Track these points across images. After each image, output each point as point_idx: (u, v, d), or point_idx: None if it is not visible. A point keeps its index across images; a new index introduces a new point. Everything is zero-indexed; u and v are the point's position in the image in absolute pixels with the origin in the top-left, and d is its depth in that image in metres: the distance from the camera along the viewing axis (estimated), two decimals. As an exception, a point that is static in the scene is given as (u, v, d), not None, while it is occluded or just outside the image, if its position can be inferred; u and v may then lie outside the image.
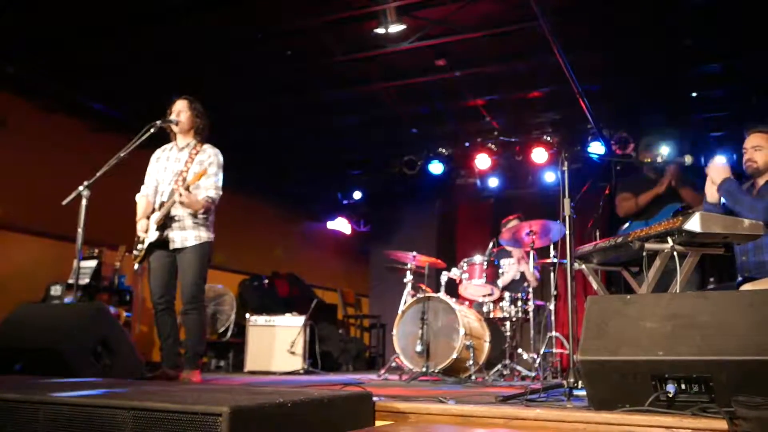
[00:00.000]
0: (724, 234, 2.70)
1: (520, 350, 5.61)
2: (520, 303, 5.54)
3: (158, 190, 4.31)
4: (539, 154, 7.58)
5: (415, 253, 5.63)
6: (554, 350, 5.22)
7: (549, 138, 7.62)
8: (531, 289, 5.65)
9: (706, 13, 5.14)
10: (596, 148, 7.24)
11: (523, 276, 5.98)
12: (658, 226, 2.83)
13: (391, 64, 6.20)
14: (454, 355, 4.96)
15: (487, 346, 5.29)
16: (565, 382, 2.64)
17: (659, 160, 4.51)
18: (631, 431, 1.99)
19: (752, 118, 5.90)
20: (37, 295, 5.82)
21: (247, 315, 6.64)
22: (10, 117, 6.01)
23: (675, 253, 2.75)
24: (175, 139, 4.38)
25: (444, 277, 5.63)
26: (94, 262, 6.11)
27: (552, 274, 5.37)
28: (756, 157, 3.50)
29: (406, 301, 5.46)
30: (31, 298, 5.51)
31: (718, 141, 7.20)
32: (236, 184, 5.29)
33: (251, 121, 7.41)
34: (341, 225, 10.38)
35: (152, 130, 4.14)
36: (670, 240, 2.75)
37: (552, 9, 4.99)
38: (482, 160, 8.02)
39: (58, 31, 5.44)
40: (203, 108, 4.40)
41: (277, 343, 6.37)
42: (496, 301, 5.61)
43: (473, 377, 4.99)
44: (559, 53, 5.46)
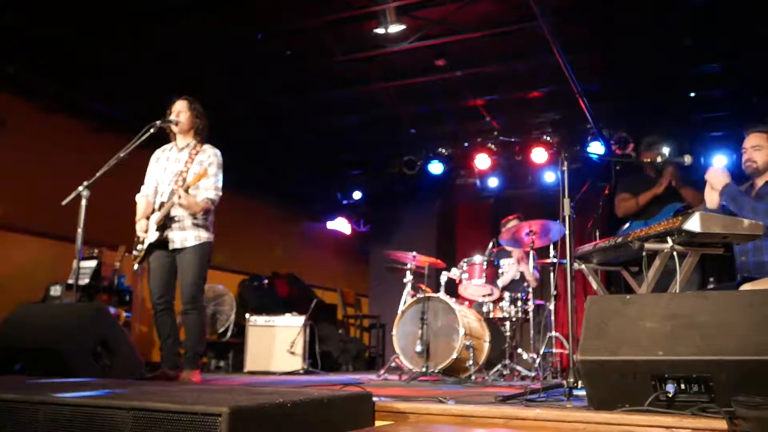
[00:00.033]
0: (724, 234, 2.70)
1: (520, 350, 5.60)
2: (519, 303, 5.54)
3: (158, 191, 4.31)
4: (539, 154, 7.59)
5: (414, 253, 5.63)
6: (554, 350, 5.22)
7: (549, 138, 7.62)
8: (531, 289, 5.65)
9: (706, 13, 5.14)
10: (596, 148, 7.24)
11: (522, 276, 5.98)
12: (658, 226, 2.83)
13: (391, 64, 6.20)
14: (454, 355, 4.96)
15: (486, 346, 5.29)
16: (564, 382, 2.64)
17: (659, 159, 4.51)
18: (631, 431, 1.99)
19: (752, 118, 5.89)
20: (37, 295, 5.82)
21: (247, 315, 6.63)
22: (10, 117, 6.01)
23: (675, 253, 2.75)
24: (175, 140, 4.38)
25: (444, 277, 5.63)
26: (93, 263, 6.11)
27: (552, 274, 5.37)
28: (755, 157, 3.51)
29: (405, 301, 5.46)
30: (31, 299, 5.51)
31: (718, 141, 7.20)
32: (236, 184, 5.28)
33: (251, 121, 7.41)
34: (341, 225, 10.38)
35: (152, 131, 4.14)
36: (669, 240, 2.75)
37: (551, 9, 4.99)
38: (482, 160, 8.03)
39: (58, 31, 5.44)
40: (203, 108, 4.40)
41: (277, 344, 6.37)
42: (496, 301, 5.61)
43: (473, 377, 4.99)
44: (559, 53, 5.46)
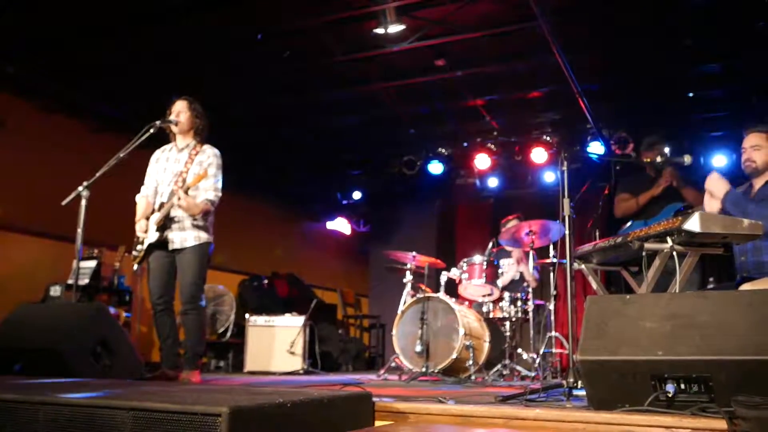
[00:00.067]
0: (724, 234, 2.70)
1: (520, 350, 5.60)
2: (519, 303, 5.54)
3: (158, 191, 4.31)
4: (539, 154, 7.59)
5: (414, 253, 5.63)
6: (554, 350, 5.22)
7: (548, 138, 7.62)
8: (530, 289, 5.65)
9: (706, 13, 5.14)
10: (596, 148, 7.24)
11: (522, 276, 5.99)
12: (658, 225, 2.83)
13: (391, 64, 6.20)
14: (454, 355, 4.96)
15: (486, 346, 5.29)
16: (564, 382, 2.64)
17: (659, 159, 4.51)
18: (631, 431, 1.99)
19: (752, 118, 5.90)
20: (37, 295, 5.82)
21: (247, 315, 6.63)
22: (10, 117, 6.01)
23: (674, 253, 2.75)
24: (175, 140, 4.38)
25: (443, 277, 5.62)
26: (93, 263, 6.11)
27: (551, 274, 5.37)
28: (755, 157, 3.51)
29: (405, 301, 5.45)
30: (31, 299, 5.51)
31: (718, 141, 7.20)
32: (236, 184, 5.29)
33: (251, 121, 7.41)
34: (341, 225, 10.38)
35: (152, 131, 4.15)
36: (669, 240, 2.75)
37: (551, 9, 4.99)
38: (482, 160, 8.02)
39: (58, 31, 5.44)
40: (203, 108, 4.39)
41: (277, 344, 6.37)
42: (496, 301, 5.61)
43: (473, 377, 4.99)
44: (559, 53, 5.46)
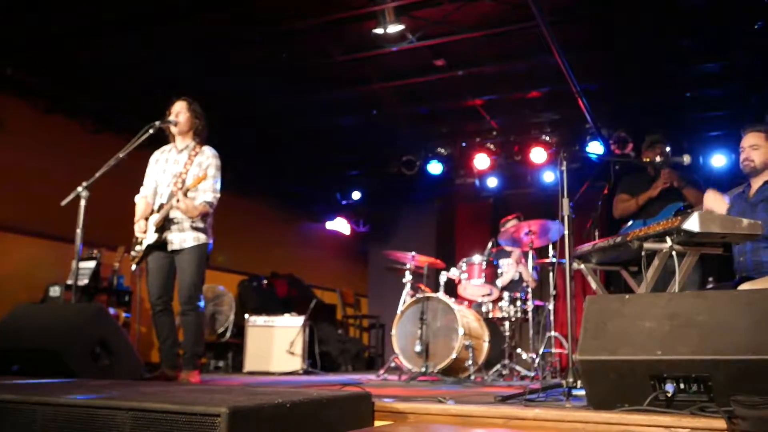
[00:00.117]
0: (723, 234, 2.70)
1: (519, 350, 5.60)
2: (519, 303, 5.54)
3: (157, 192, 4.30)
4: (538, 154, 7.59)
5: (414, 253, 5.63)
6: (553, 350, 5.22)
7: (548, 138, 7.63)
8: (530, 289, 5.65)
9: (705, 13, 5.14)
10: (595, 148, 7.24)
11: (521, 276, 5.98)
12: (657, 225, 2.82)
13: (390, 64, 6.20)
14: (453, 355, 4.96)
15: (486, 346, 5.29)
16: (564, 382, 2.64)
17: (658, 159, 4.51)
18: (630, 431, 1.99)
19: (751, 118, 5.91)
20: (36, 295, 5.82)
21: (246, 315, 6.63)
22: (9, 118, 6.01)
23: (674, 253, 2.75)
24: (174, 141, 4.37)
25: (443, 277, 5.62)
26: (93, 263, 6.11)
27: (551, 274, 5.37)
28: (753, 156, 3.51)
29: (405, 302, 5.45)
30: (30, 299, 5.51)
31: (716, 140, 7.21)
32: (235, 184, 5.30)
33: (251, 121, 7.41)
34: (340, 225, 10.38)
35: (151, 131, 4.14)
36: (668, 239, 2.75)
37: (550, 9, 4.99)
38: (481, 160, 8.02)
39: (58, 31, 5.43)
40: (202, 109, 4.39)
41: (276, 344, 6.37)
42: (495, 301, 5.61)
43: (472, 377, 4.99)
44: (558, 53, 5.46)
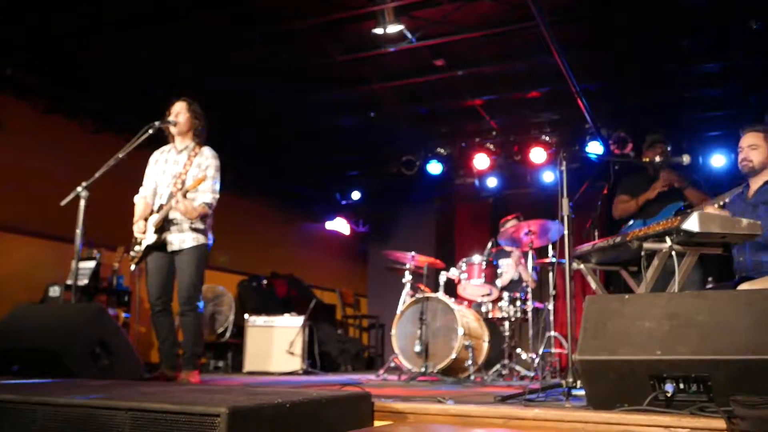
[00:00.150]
0: (722, 234, 2.70)
1: (519, 350, 5.60)
2: (518, 303, 5.54)
3: (157, 192, 4.30)
4: (538, 154, 7.59)
5: (413, 254, 5.62)
6: (553, 350, 5.22)
7: (547, 138, 7.63)
8: (530, 289, 5.65)
9: (704, 13, 5.14)
10: (595, 148, 7.24)
11: (521, 276, 5.98)
12: (657, 225, 2.83)
13: (390, 64, 6.20)
14: (453, 355, 4.96)
15: (485, 346, 5.29)
16: (563, 382, 2.64)
17: (658, 159, 4.51)
18: (630, 431, 1.99)
19: (750, 118, 5.91)
20: (36, 295, 5.82)
21: (246, 315, 6.63)
22: (9, 118, 6.00)
23: (673, 253, 2.75)
24: (174, 141, 4.37)
25: (443, 277, 5.62)
26: (92, 263, 6.11)
27: (551, 274, 5.37)
28: (752, 156, 3.51)
29: (404, 302, 5.45)
30: (30, 299, 5.51)
31: (715, 140, 7.21)
32: (235, 184, 5.30)
33: (251, 121, 7.41)
34: (340, 225, 10.38)
35: (150, 131, 4.14)
36: (668, 239, 2.75)
37: (550, 9, 4.99)
38: (481, 160, 8.02)
39: (58, 32, 5.43)
40: (202, 109, 4.39)
41: (276, 344, 6.37)
42: (495, 301, 5.61)
43: (472, 377, 4.99)
44: (558, 53, 5.46)
